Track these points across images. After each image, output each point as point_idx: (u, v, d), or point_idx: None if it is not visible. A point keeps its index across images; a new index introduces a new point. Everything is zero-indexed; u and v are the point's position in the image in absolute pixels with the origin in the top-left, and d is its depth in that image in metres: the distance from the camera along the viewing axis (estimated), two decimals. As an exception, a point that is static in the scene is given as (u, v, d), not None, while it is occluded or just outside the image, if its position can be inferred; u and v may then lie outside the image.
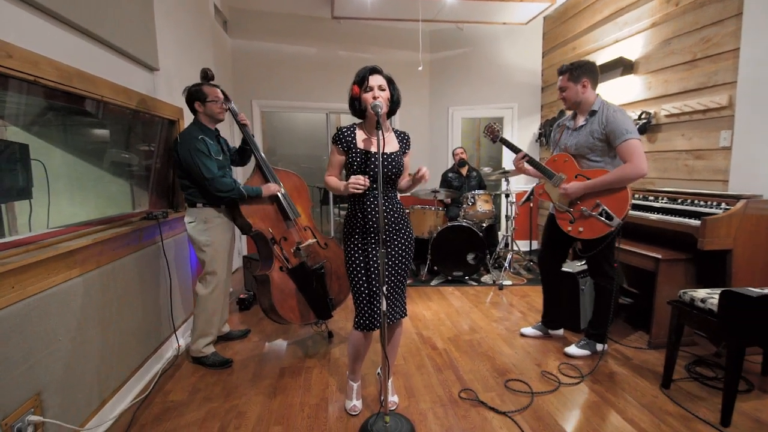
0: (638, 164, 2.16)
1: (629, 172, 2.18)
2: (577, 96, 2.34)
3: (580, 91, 2.32)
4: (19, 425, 1.39)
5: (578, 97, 2.34)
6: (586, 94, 2.33)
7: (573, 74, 2.34)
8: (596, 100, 2.34)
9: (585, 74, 2.31)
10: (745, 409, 1.93)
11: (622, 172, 2.20)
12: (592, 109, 2.32)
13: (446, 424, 1.87)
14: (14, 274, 1.39)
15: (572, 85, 2.33)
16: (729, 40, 2.78)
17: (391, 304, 1.84)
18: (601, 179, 2.25)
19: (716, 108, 2.88)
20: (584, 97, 2.33)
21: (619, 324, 2.97)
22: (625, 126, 2.20)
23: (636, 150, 2.17)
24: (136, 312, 2.20)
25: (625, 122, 2.21)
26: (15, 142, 1.91)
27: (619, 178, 2.21)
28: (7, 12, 1.42)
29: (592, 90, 2.34)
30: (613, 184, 2.24)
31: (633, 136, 2.18)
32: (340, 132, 1.85)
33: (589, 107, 2.35)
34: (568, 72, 2.36)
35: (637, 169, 2.16)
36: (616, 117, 2.24)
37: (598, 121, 2.29)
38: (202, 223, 2.33)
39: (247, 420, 1.93)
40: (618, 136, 2.21)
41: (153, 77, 2.53)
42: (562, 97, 2.42)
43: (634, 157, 2.17)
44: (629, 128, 2.20)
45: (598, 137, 2.29)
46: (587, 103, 2.34)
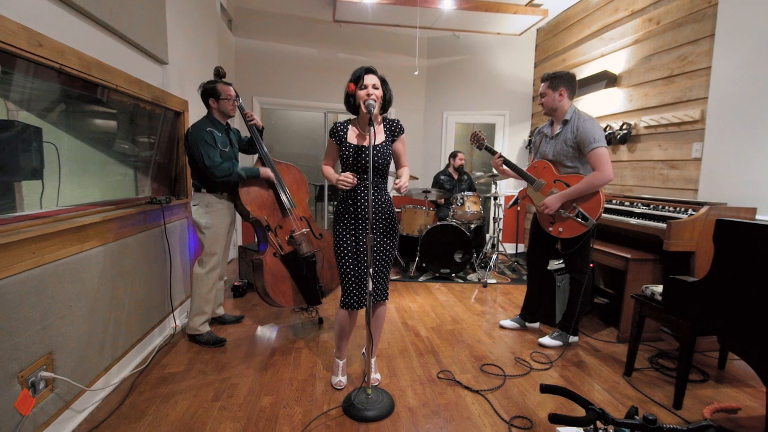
0: (605, 171, 2.35)
1: (597, 179, 2.37)
2: (553, 103, 2.53)
3: (557, 98, 2.51)
4: (33, 379, 1.53)
5: (554, 104, 2.53)
6: (562, 102, 2.52)
7: (552, 83, 2.53)
8: (569, 110, 2.53)
9: (563, 84, 2.50)
10: (699, 396, 2.10)
11: (592, 180, 2.39)
12: (565, 119, 2.51)
13: (423, 399, 2.03)
14: (34, 242, 1.54)
15: (551, 92, 2.52)
16: (703, 58, 2.99)
17: (376, 286, 2.00)
18: (574, 189, 2.45)
19: (690, 121, 3.08)
20: (560, 105, 2.52)
21: (593, 321, 3.15)
22: (593, 135, 2.38)
23: (602, 158, 2.36)
24: (139, 288, 2.34)
25: (593, 131, 2.39)
26: (30, 124, 2.06)
27: (589, 185, 2.40)
28: (37, 3, 1.57)
29: (568, 99, 2.53)
30: (584, 191, 2.43)
31: (600, 144, 2.37)
32: (335, 126, 2.02)
33: (563, 115, 2.54)
34: (549, 80, 2.55)
35: (604, 176, 2.35)
36: (585, 126, 2.42)
37: (570, 130, 2.48)
38: (204, 207, 2.49)
39: (239, 390, 2.07)
40: (587, 144, 2.39)
41: (162, 70, 2.68)
42: (540, 102, 2.61)
43: (600, 164, 2.36)
44: (597, 137, 2.38)
45: (571, 145, 2.48)
46: (562, 111, 2.53)
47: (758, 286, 1.26)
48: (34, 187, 2.07)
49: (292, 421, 1.83)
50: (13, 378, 1.43)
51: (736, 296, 1.35)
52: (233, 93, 2.56)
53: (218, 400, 1.99)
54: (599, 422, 0.84)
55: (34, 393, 1.53)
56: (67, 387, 1.71)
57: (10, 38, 1.41)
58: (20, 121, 2.13)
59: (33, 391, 1.53)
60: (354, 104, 1.97)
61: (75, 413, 1.78)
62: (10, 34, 1.41)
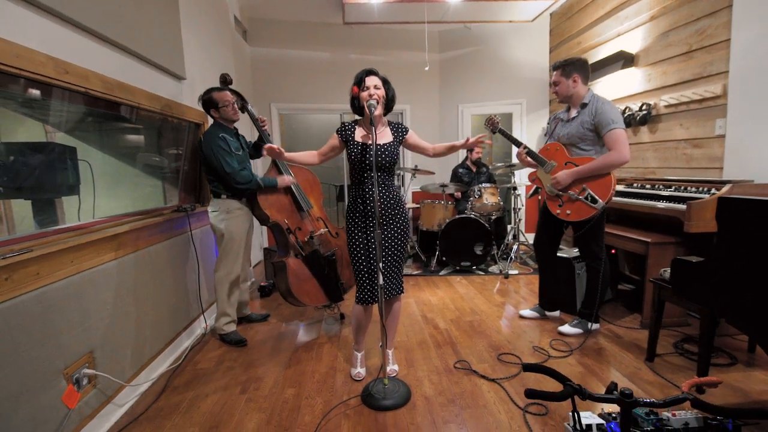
0: (622, 152, 2.31)
1: (614, 159, 2.33)
2: (568, 90, 2.51)
3: (571, 85, 2.49)
4: (77, 375, 1.69)
5: (569, 91, 2.51)
6: (577, 89, 2.49)
7: (565, 70, 2.51)
8: (587, 94, 2.49)
9: (575, 70, 2.48)
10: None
11: (608, 159, 2.35)
12: (583, 102, 2.48)
13: (440, 388, 2.07)
14: (73, 251, 1.70)
15: (564, 80, 2.50)
16: (721, 31, 2.86)
17: (388, 280, 2.07)
18: (588, 166, 2.41)
19: (711, 97, 2.96)
20: (575, 91, 2.50)
21: (618, 309, 3.09)
22: (611, 116, 2.36)
23: (620, 139, 2.32)
24: (168, 292, 2.50)
25: (612, 113, 2.37)
26: (65, 145, 2.25)
27: (605, 164, 2.36)
28: (61, 34, 1.73)
29: (582, 84, 2.50)
30: (599, 170, 2.39)
31: (618, 126, 2.33)
32: (343, 125, 2.11)
33: (581, 100, 2.50)
34: (560, 68, 2.53)
35: (621, 156, 2.31)
36: (604, 108, 2.39)
37: (588, 112, 2.44)
38: (224, 213, 2.62)
39: (265, 384, 2.19)
40: (605, 125, 2.36)
41: (180, 85, 2.84)
42: (554, 91, 2.59)
43: (618, 145, 2.32)
44: (615, 119, 2.35)
45: (588, 127, 2.45)
46: (578, 96, 2.50)
47: (761, 263, 1.23)
48: (74, 201, 2.27)
49: (314, 410, 1.93)
50: (59, 374, 1.59)
51: (739, 274, 1.32)
52: (230, 98, 2.64)
53: (245, 393, 2.11)
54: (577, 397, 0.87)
55: (79, 388, 1.69)
56: (108, 383, 1.87)
57: (39, 68, 1.56)
58: (56, 143, 2.34)
59: (77, 387, 1.69)
60: (359, 106, 2.04)
61: (116, 407, 1.94)
62: (39, 65, 1.56)
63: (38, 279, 1.52)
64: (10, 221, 2.01)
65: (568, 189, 2.50)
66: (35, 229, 1.86)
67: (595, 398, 0.88)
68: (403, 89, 5.67)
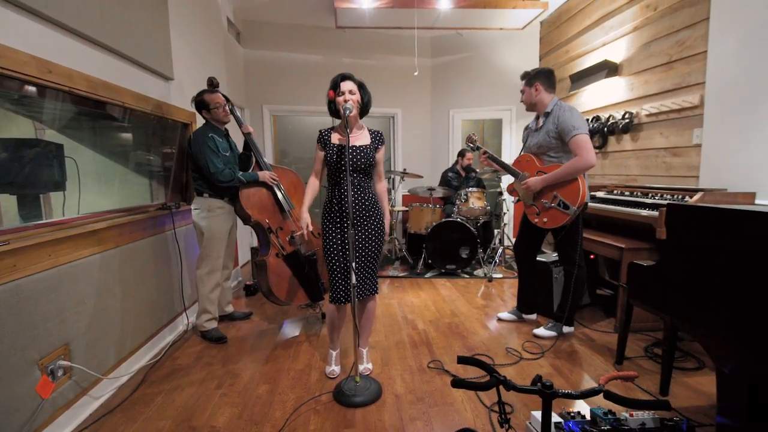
0: (585, 156, 2.38)
1: (578, 164, 2.40)
2: (530, 98, 2.60)
3: (533, 93, 2.58)
4: (52, 366, 1.73)
5: (532, 99, 2.60)
6: (539, 96, 2.56)
7: (528, 80, 2.62)
8: (550, 102, 2.57)
9: (537, 79, 2.56)
10: (690, 383, 2.10)
11: (572, 164, 2.42)
12: (546, 111, 2.55)
13: (411, 387, 2.12)
14: (50, 245, 1.75)
15: (527, 89, 2.60)
16: (699, 42, 2.93)
17: (362, 280, 2.11)
18: (555, 172, 2.49)
19: (690, 107, 3.03)
20: (537, 99, 2.58)
21: (595, 313, 3.14)
22: (572, 123, 2.42)
23: (583, 144, 2.39)
24: (150, 288, 2.54)
25: (573, 120, 2.43)
26: (52, 142, 2.30)
27: (570, 170, 2.43)
28: (46, 35, 1.78)
29: (546, 92, 2.57)
30: (565, 176, 2.46)
31: (580, 131, 2.40)
32: (320, 133, 2.16)
33: (545, 108, 2.58)
34: (524, 78, 2.64)
35: (584, 161, 2.37)
36: (565, 116, 2.47)
37: (552, 121, 2.53)
38: (206, 211, 2.67)
39: (240, 380, 2.23)
40: (567, 132, 2.44)
41: (168, 85, 2.89)
42: (521, 100, 2.69)
43: (581, 150, 2.39)
44: (576, 125, 2.42)
45: (554, 136, 2.52)
46: (542, 104, 2.57)
47: (704, 268, 1.28)
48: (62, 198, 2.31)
49: (285, 406, 1.97)
50: (33, 365, 1.63)
51: (685, 279, 1.37)
52: (222, 100, 2.71)
53: (220, 388, 2.15)
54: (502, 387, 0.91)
55: (53, 379, 1.73)
56: (84, 375, 1.91)
57: (22, 67, 1.62)
58: (42, 139, 2.39)
59: (52, 378, 1.73)
60: (335, 109, 2.10)
61: (92, 399, 1.98)
62: (23, 64, 1.62)
63: (15, 271, 1.57)
64: (-2, 216, 2.06)
65: (540, 198, 2.56)
66: (20, 223, 1.91)
67: (519, 389, 0.93)
68: (394, 93, 5.78)
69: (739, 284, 1.20)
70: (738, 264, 1.20)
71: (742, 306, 1.19)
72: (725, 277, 1.24)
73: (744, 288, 1.18)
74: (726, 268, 1.23)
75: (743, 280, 1.19)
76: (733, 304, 1.22)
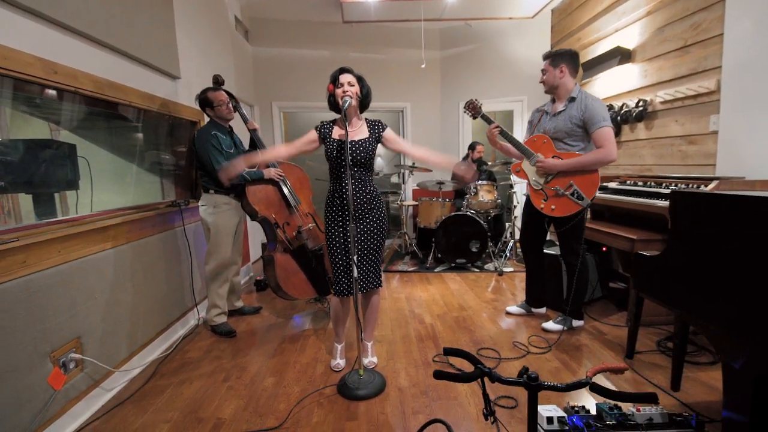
0: (611, 150, 2.33)
1: (603, 156, 2.34)
2: (554, 80, 2.51)
3: (557, 75, 2.49)
4: (64, 359, 1.79)
5: (555, 81, 2.51)
6: (564, 80, 2.49)
7: (553, 60, 2.51)
8: (575, 88, 2.49)
9: (563, 60, 2.48)
10: (703, 378, 2.03)
11: (597, 155, 2.36)
12: (572, 96, 2.48)
13: (415, 381, 2.11)
14: (59, 242, 1.80)
15: (551, 69, 2.51)
16: (716, 25, 2.81)
17: (364, 274, 2.11)
18: (577, 160, 2.42)
19: (706, 93, 2.91)
20: (561, 82, 2.50)
21: (608, 306, 3.07)
22: (602, 114, 2.37)
23: (610, 137, 2.34)
24: (160, 283, 2.60)
25: (602, 111, 2.38)
26: (65, 142, 2.36)
27: (594, 160, 2.37)
28: (52, 37, 1.82)
29: (570, 77, 2.50)
30: (587, 165, 2.40)
31: (608, 124, 2.35)
32: (321, 124, 2.16)
33: (567, 93, 2.50)
34: (550, 57, 2.54)
35: (610, 154, 2.33)
36: (594, 105, 2.40)
37: (577, 107, 2.44)
38: (212, 207, 2.71)
39: (247, 373, 2.27)
40: (595, 122, 2.37)
41: (175, 84, 2.93)
42: (542, 80, 2.59)
43: (607, 143, 2.33)
44: (605, 116, 2.37)
45: (577, 123, 2.44)
46: (564, 88, 2.50)
47: (708, 258, 1.23)
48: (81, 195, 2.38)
49: (290, 398, 1.99)
50: (45, 357, 1.69)
51: (689, 269, 1.32)
52: (225, 97, 2.73)
53: (228, 380, 2.19)
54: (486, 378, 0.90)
55: (65, 371, 1.79)
56: (96, 368, 1.97)
57: (27, 69, 1.66)
58: (56, 140, 2.46)
59: (64, 370, 1.78)
60: (335, 102, 2.09)
61: (104, 391, 2.04)
62: (27, 66, 1.66)
63: (25, 267, 1.62)
64: (17, 214, 2.13)
65: (554, 183, 2.49)
66: (35, 220, 1.98)
67: (503, 381, 0.91)
68: (403, 87, 5.74)
69: (743, 273, 1.15)
70: (742, 252, 1.15)
71: (746, 297, 1.14)
72: (729, 266, 1.19)
73: (747, 277, 1.13)
74: (730, 257, 1.18)
75: (747, 269, 1.14)
76: (738, 294, 1.17)
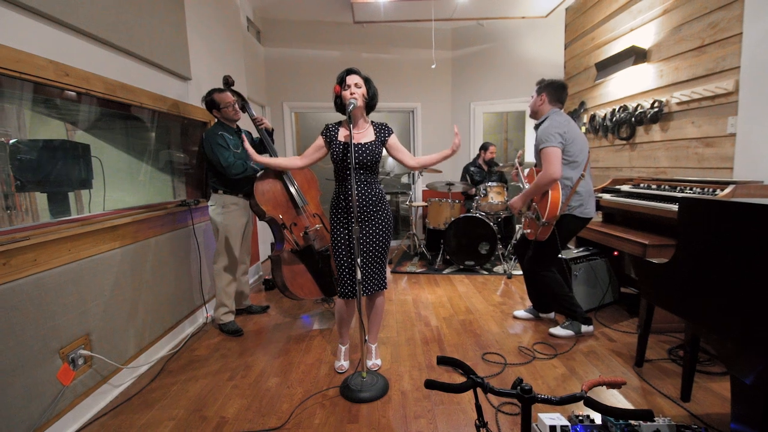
0: (547, 170, 2.36)
1: (541, 179, 2.41)
2: (534, 106, 2.60)
3: (537, 102, 2.58)
4: (73, 355, 1.83)
5: (535, 107, 2.60)
6: (542, 107, 2.56)
7: (539, 88, 2.59)
8: (546, 113, 2.52)
9: (545, 89, 2.54)
10: (715, 389, 1.97)
11: (537, 179, 2.43)
12: (538, 123, 2.54)
13: (418, 384, 2.10)
14: (69, 241, 1.84)
15: (535, 95, 2.59)
16: (734, 24, 2.72)
17: (368, 276, 2.11)
18: (527, 189, 2.55)
19: (724, 94, 2.82)
20: (539, 109, 2.58)
21: (619, 312, 3.01)
22: (545, 136, 2.40)
23: (547, 157, 2.37)
24: (169, 282, 2.64)
25: (547, 132, 2.40)
26: (79, 143, 2.42)
27: (537, 185, 2.44)
28: (65, 41, 1.86)
29: (548, 104, 2.55)
30: (535, 191, 2.49)
31: (548, 144, 2.37)
32: (326, 127, 2.16)
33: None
34: (537, 85, 2.62)
35: (546, 174, 2.37)
36: (546, 126, 2.45)
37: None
38: (221, 207, 2.74)
39: (252, 372, 2.29)
40: (539, 144, 2.43)
41: (186, 85, 2.97)
42: (528, 105, 2.68)
43: (544, 163, 2.38)
44: (546, 138, 2.38)
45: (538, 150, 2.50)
46: (540, 114, 2.57)
47: (719, 268, 1.18)
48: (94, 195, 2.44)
49: (292, 399, 2.00)
50: (55, 353, 1.73)
51: (697, 277, 1.27)
52: (231, 99, 2.75)
53: (233, 379, 2.21)
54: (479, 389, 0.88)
55: (74, 367, 1.83)
56: (104, 364, 2.01)
57: (40, 72, 1.70)
58: (70, 140, 2.52)
59: (73, 366, 1.82)
60: (341, 104, 2.09)
61: (112, 387, 2.08)
62: (40, 68, 1.70)
63: (36, 265, 1.66)
64: (34, 212, 2.19)
65: (528, 209, 2.63)
66: (50, 219, 2.03)
67: (496, 392, 0.90)
68: (414, 88, 5.72)
69: (755, 284, 1.11)
70: (754, 263, 1.11)
71: (757, 309, 1.10)
72: (740, 277, 1.15)
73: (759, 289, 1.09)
74: (741, 267, 1.14)
75: (759, 279, 1.09)
76: (749, 307, 1.12)
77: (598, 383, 0.96)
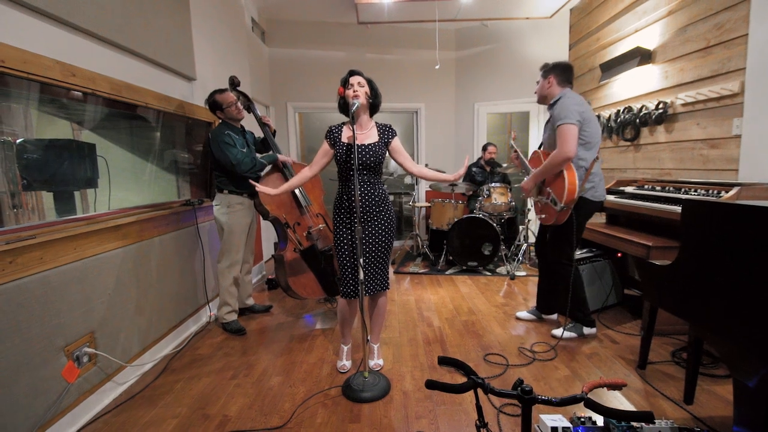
0: (562, 148, 2.28)
1: (555, 156, 2.31)
2: (542, 90, 2.54)
3: (545, 86, 2.51)
4: (78, 353, 1.85)
5: (543, 91, 2.53)
6: (550, 89, 2.50)
7: (545, 72, 2.54)
8: (558, 93, 2.46)
9: (552, 72, 2.49)
10: (719, 391, 1.96)
11: (551, 157, 2.34)
12: (552, 101, 2.46)
13: (420, 384, 2.10)
14: (75, 239, 1.86)
15: (542, 80, 2.54)
16: (740, 25, 2.71)
17: (371, 276, 2.11)
18: (538, 169, 2.44)
19: (729, 95, 2.81)
20: (548, 92, 2.51)
21: (622, 314, 3.00)
22: (563, 113, 2.31)
23: (563, 135, 2.28)
24: (173, 280, 2.66)
25: (565, 109, 2.32)
26: (85, 142, 2.44)
27: (550, 164, 2.35)
28: (71, 41, 1.88)
29: (557, 86, 2.49)
30: (548, 171, 2.39)
31: (566, 121, 2.28)
32: (330, 129, 2.17)
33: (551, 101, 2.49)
34: (542, 70, 2.56)
35: (561, 152, 2.28)
36: (563, 103, 2.36)
37: (554, 111, 2.43)
38: (225, 207, 2.75)
39: (255, 371, 2.30)
40: (556, 121, 2.34)
41: (191, 86, 2.99)
42: (535, 91, 2.63)
43: (560, 141, 2.30)
44: (564, 115, 2.30)
45: (554, 127, 2.42)
46: (550, 97, 2.51)
47: (722, 270, 1.18)
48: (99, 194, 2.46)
49: (294, 398, 2.01)
50: (60, 351, 1.75)
51: (700, 279, 1.27)
52: (233, 98, 2.76)
53: (235, 378, 2.23)
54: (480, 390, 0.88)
55: (79, 365, 1.85)
56: (108, 362, 2.03)
57: (46, 72, 1.72)
58: (76, 140, 2.54)
59: (78, 364, 1.84)
60: (346, 105, 2.10)
61: (117, 385, 2.10)
62: (47, 69, 1.72)
63: (41, 263, 1.68)
64: (40, 211, 2.22)
65: (540, 194, 2.54)
66: (56, 217, 2.05)
67: (497, 393, 0.90)
68: (418, 88, 5.72)
69: (756, 287, 1.10)
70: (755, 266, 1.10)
71: (757, 312, 1.09)
72: (742, 279, 1.14)
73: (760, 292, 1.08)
74: (743, 270, 1.13)
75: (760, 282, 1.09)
76: (750, 310, 1.12)
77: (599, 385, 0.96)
